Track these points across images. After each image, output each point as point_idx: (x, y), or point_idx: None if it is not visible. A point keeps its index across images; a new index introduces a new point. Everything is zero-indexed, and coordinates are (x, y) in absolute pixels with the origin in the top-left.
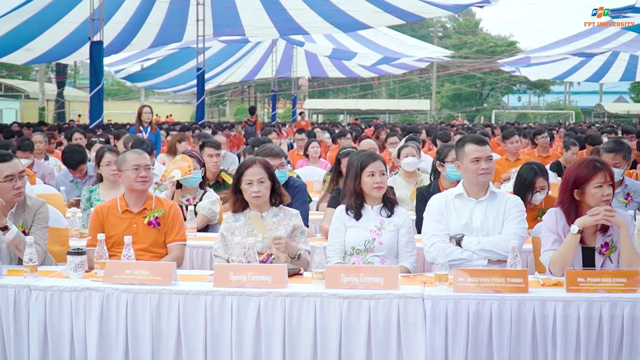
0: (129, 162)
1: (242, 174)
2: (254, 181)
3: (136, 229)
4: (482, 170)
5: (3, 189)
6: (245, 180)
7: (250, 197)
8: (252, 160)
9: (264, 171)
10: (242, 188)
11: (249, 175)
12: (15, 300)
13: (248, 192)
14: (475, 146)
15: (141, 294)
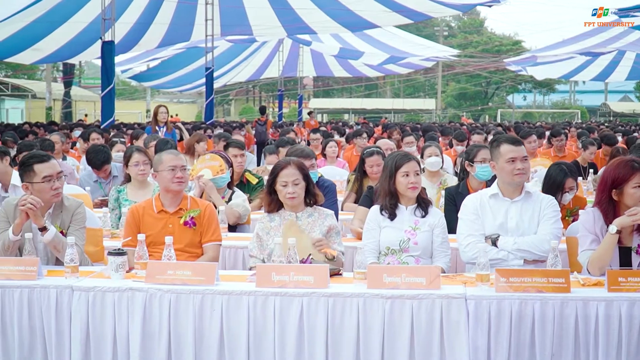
0: (165, 163)
1: (277, 175)
2: (288, 182)
3: (172, 229)
4: (517, 171)
5: (41, 190)
6: (280, 182)
7: (285, 198)
8: (287, 162)
9: (298, 172)
10: (277, 189)
11: (283, 177)
12: (57, 301)
13: (283, 193)
14: (510, 146)
15: (184, 294)
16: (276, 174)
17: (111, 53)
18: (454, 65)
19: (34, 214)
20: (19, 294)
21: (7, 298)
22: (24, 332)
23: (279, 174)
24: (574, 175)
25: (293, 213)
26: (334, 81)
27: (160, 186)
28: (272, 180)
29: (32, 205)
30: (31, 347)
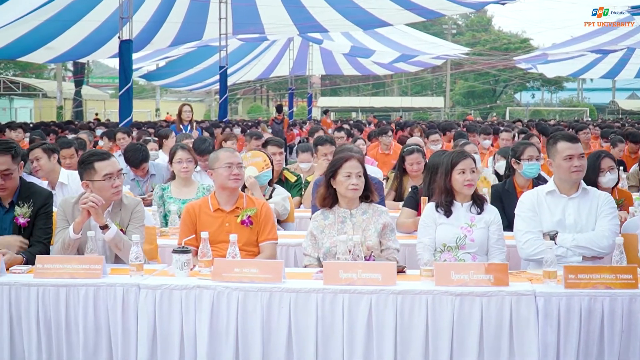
0: (221, 160)
1: (339, 166)
2: (352, 174)
3: (229, 227)
4: (574, 168)
5: (102, 188)
6: (343, 173)
7: (347, 189)
8: (350, 155)
9: (360, 166)
10: (338, 181)
11: (347, 168)
12: (123, 299)
13: (345, 184)
14: (568, 144)
15: (252, 292)
16: (339, 166)
17: (129, 52)
18: (462, 63)
19: (95, 212)
20: (84, 293)
21: (72, 296)
22: (89, 330)
23: (343, 166)
24: (609, 155)
25: (347, 210)
26: (341, 79)
27: (216, 184)
28: (332, 173)
29: (93, 203)
30: (96, 345)
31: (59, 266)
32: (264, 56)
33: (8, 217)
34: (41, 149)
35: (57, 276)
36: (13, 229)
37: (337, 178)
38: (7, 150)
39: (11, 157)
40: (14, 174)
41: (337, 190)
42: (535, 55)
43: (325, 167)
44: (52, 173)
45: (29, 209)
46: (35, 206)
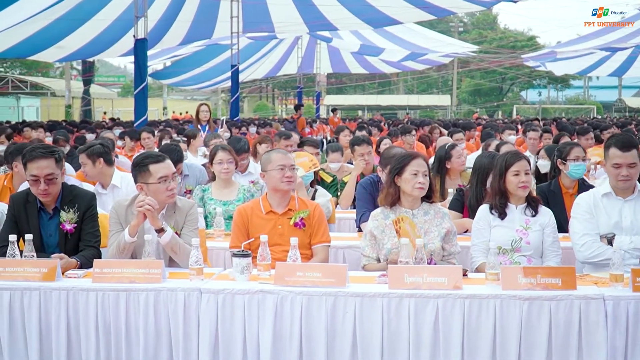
0: (274, 162)
1: (406, 164)
2: (419, 172)
3: (281, 230)
4: (622, 177)
5: (157, 190)
6: (410, 171)
7: (413, 187)
8: (416, 153)
9: (426, 164)
10: (404, 178)
11: (414, 166)
12: (185, 304)
13: (412, 182)
14: (618, 151)
15: (316, 296)
16: (406, 164)
17: (144, 50)
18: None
19: (151, 215)
20: (145, 297)
21: (132, 301)
22: (150, 335)
23: (410, 164)
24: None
25: (409, 210)
26: (347, 78)
27: (269, 186)
28: (398, 170)
29: (149, 206)
30: (156, 351)
31: (118, 270)
32: (271, 55)
33: (53, 223)
34: (85, 155)
35: (116, 281)
36: (59, 235)
37: (402, 176)
38: (50, 154)
39: (55, 161)
40: (58, 178)
41: (402, 188)
42: (543, 53)
43: (363, 167)
44: (103, 176)
45: (74, 214)
46: (80, 210)
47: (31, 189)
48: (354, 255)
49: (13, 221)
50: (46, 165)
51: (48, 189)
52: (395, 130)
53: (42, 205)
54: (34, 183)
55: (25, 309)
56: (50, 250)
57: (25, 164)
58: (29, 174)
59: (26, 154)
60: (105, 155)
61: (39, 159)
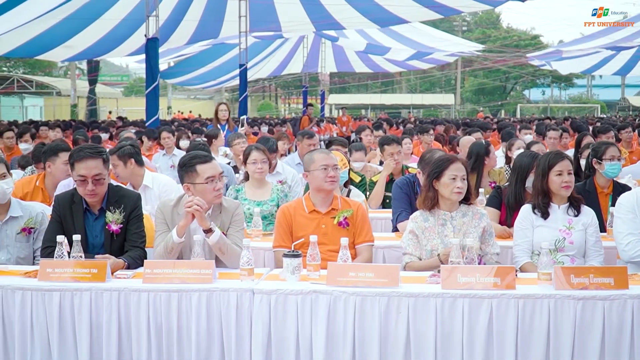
0: (317, 162)
1: (445, 168)
2: (457, 177)
3: (325, 229)
4: None
5: (204, 191)
6: (448, 175)
7: (452, 192)
8: (454, 157)
9: (464, 168)
10: (443, 183)
11: (453, 170)
12: (237, 305)
13: (450, 187)
14: None
15: (370, 296)
16: (444, 168)
17: (155, 50)
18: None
19: (200, 216)
20: (197, 298)
21: (184, 302)
22: (202, 336)
23: (448, 168)
24: None
25: (448, 212)
26: (349, 77)
27: (312, 186)
28: (436, 175)
29: (198, 206)
30: (208, 352)
31: (169, 271)
32: (276, 54)
33: (98, 223)
34: (117, 156)
35: (167, 281)
36: (105, 236)
37: (441, 180)
38: (98, 154)
39: (102, 161)
40: (105, 179)
41: (440, 192)
42: (549, 52)
43: (393, 167)
44: (135, 177)
45: (120, 214)
46: (126, 211)
47: (78, 189)
48: (394, 255)
49: (58, 222)
50: (94, 165)
51: (95, 189)
52: (412, 129)
53: (88, 206)
54: (81, 183)
55: (76, 310)
56: (95, 251)
57: (73, 164)
58: (76, 174)
59: (74, 154)
60: (136, 156)
61: (87, 159)
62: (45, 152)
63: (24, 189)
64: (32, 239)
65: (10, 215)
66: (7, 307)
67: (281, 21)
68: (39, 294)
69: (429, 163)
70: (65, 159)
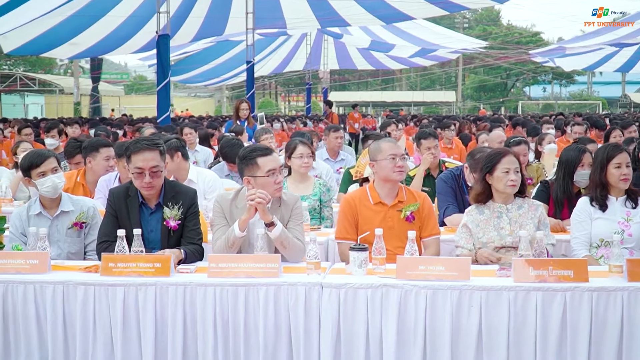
0: (384, 152)
1: (497, 162)
2: (510, 170)
3: (391, 222)
4: None
5: (265, 184)
6: (501, 169)
7: (505, 185)
8: (507, 150)
9: (517, 161)
10: (496, 177)
11: (505, 164)
12: (305, 299)
13: (503, 181)
14: None
15: (441, 290)
16: (496, 162)
17: (166, 46)
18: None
19: (262, 209)
20: (265, 292)
21: (251, 296)
22: (269, 331)
23: (500, 161)
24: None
25: (503, 205)
26: (349, 74)
27: (379, 176)
28: (489, 169)
29: (262, 199)
30: (276, 346)
31: (234, 265)
32: (278, 51)
33: (154, 218)
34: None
35: (233, 275)
36: (161, 231)
37: (494, 174)
38: (155, 146)
39: (159, 153)
40: (162, 171)
41: (494, 186)
42: (552, 49)
43: (430, 161)
44: (180, 171)
45: (178, 210)
46: (184, 207)
47: (135, 182)
48: (446, 249)
49: (113, 216)
50: (151, 157)
51: (152, 181)
52: (428, 125)
53: (144, 200)
54: (138, 176)
55: (140, 305)
56: (150, 246)
57: (129, 157)
58: (133, 167)
59: (130, 146)
60: (182, 149)
61: (144, 150)
62: (85, 147)
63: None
64: (83, 234)
65: (61, 209)
66: (69, 302)
67: (286, 18)
68: (102, 289)
69: (478, 160)
70: (107, 155)
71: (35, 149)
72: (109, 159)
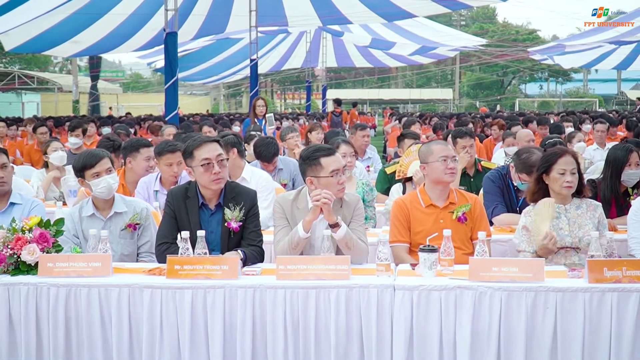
0: (436, 154)
1: (553, 162)
2: (567, 171)
3: (444, 224)
4: None
5: (328, 184)
6: (557, 170)
7: (561, 187)
8: (564, 150)
9: (575, 162)
10: (552, 177)
11: (562, 165)
12: (378, 301)
13: (560, 182)
14: None
15: (516, 291)
16: (553, 162)
17: (174, 44)
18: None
19: (328, 209)
20: (336, 294)
21: (322, 299)
22: (340, 333)
23: (557, 162)
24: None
25: (561, 205)
26: (345, 72)
27: (430, 178)
28: (545, 169)
29: (327, 200)
30: (347, 349)
31: (303, 267)
32: (277, 49)
33: (214, 219)
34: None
35: (302, 277)
36: (222, 233)
37: (550, 174)
38: (214, 139)
39: (219, 144)
40: (227, 162)
41: (550, 186)
42: (551, 46)
43: (467, 160)
44: (235, 168)
45: (240, 212)
46: (245, 208)
47: (202, 179)
48: (496, 249)
49: (173, 217)
50: (214, 147)
51: (222, 171)
52: (441, 123)
53: (204, 201)
54: (206, 168)
55: (209, 308)
56: (210, 248)
57: (192, 153)
58: (199, 161)
59: (189, 144)
60: (238, 146)
61: (206, 143)
62: (125, 148)
63: None
64: (136, 236)
65: (114, 211)
66: (135, 306)
67: (288, 16)
68: (169, 292)
69: (524, 159)
70: (147, 155)
71: (89, 149)
72: (149, 159)
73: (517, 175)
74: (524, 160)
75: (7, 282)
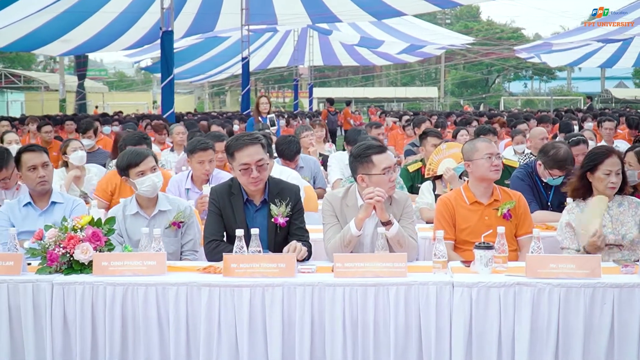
0: (480, 151)
1: (600, 162)
2: (612, 172)
3: (488, 221)
4: None
5: (380, 182)
6: (603, 170)
7: (606, 187)
8: (611, 150)
9: (620, 162)
10: (597, 177)
11: (608, 165)
12: (437, 298)
13: (605, 182)
14: None
15: (574, 288)
16: (600, 162)
17: (170, 43)
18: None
19: (380, 207)
20: (395, 292)
21: (381, 296)
22: (399, 330)
23: (604, 162)
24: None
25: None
26: (329, 70)
27: (474, 175)
28: (590, 167)
29: (380, 197)
30: (406, 346)
31: (361, 265)
32: (264, 47)
33: (260, 215)
34: None
35: (360, 275)
36: (268, 229)
37: (595, 174)
38: (257, 140)
39: (261, 146)
40: (267, 164)
41: (594, 185)
42: (538, 45)
43: None
44: None
45: (286, 207)
46: (291, 203)
47: (241, 179)
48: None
49: (218, 214)
50: (255, 151)
51: (260, 175)
52: (444, 121)
53: (249, 198)
54: (245, 172)
55: (267, 307)
56: None
57: (232, 154)
58: (238, 164)
59: (232, 144)
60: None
61: (247, 146)
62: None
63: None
64: (180, 234)
65: (158, 209)
66: (192, 304)
67: (277, 14)
68: (227, 291)
69: (552, 156)
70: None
71: (133, 148)
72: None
73: (547, 172)
74: (553, 156)
75: (61, 282)
